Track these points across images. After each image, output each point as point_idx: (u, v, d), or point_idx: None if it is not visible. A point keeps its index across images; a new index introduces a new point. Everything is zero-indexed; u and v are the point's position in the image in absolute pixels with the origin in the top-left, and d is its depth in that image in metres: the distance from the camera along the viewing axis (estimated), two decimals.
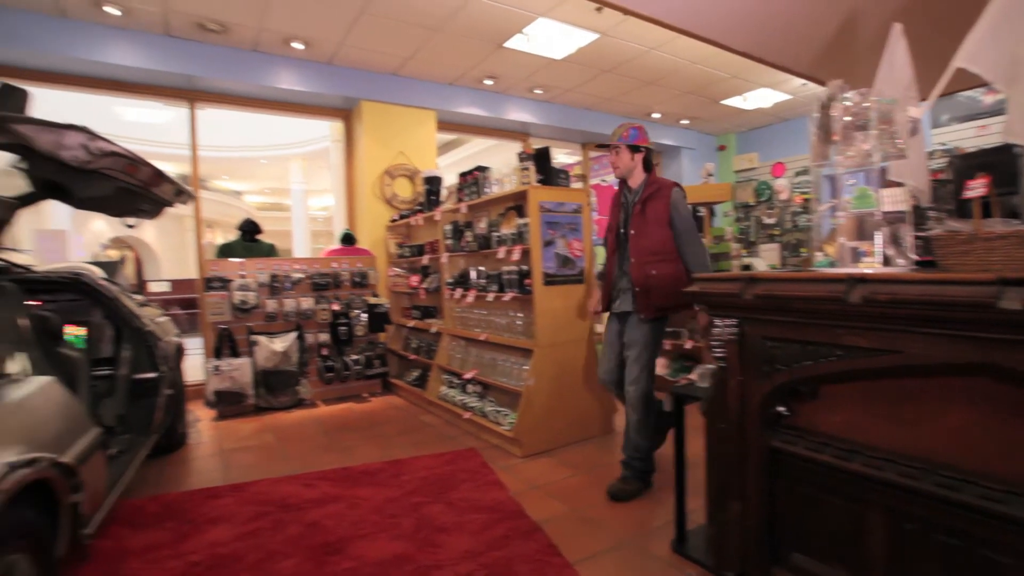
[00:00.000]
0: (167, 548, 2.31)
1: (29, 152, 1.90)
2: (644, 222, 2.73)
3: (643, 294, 2.71)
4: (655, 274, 2.69)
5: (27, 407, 1.64)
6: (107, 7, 3.94)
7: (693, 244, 2.71)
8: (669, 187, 2.74)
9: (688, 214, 2.72)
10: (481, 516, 2.53)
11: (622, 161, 2.79)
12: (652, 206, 2.72)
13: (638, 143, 2.77)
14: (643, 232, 2.73)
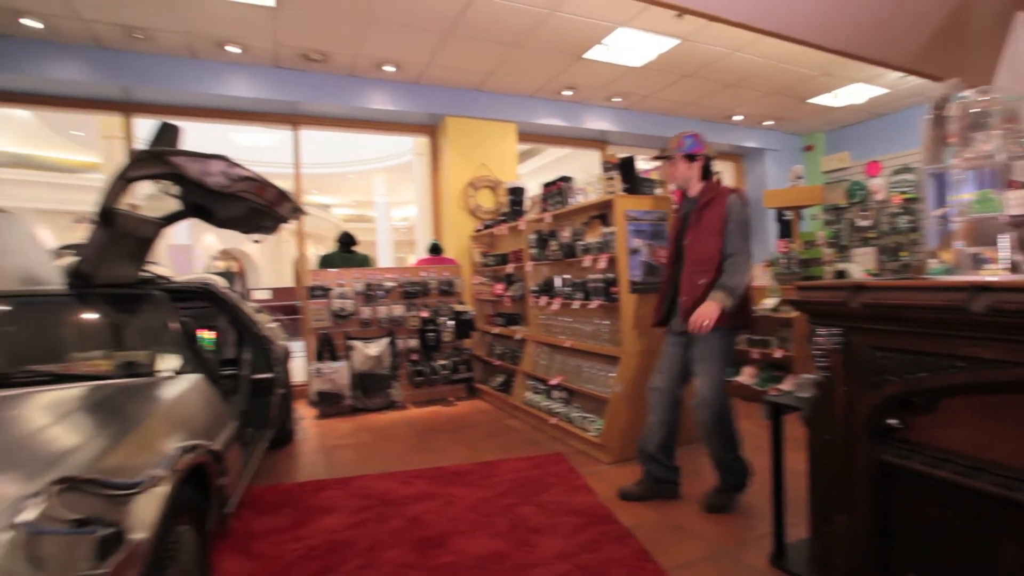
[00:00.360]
0: (287, 532, 2.54)
1: (181, 179, 2.19)
2: (699, 231, 2.64)
3: (688, 305, 2.61)
4: (702, 284, 2.59)
5: (185, 401, 1.89)
6: (229, 47, 4.42)
7: (734, 245, 2.55)
8: (726, 193, 2.64)
9: (743, 220, 2.58)
10: (572, 519, 2.59)
11: (678, 171, 2.72)
12: (708, 214, 2.62)
13: (694, 152, 2.69)
14: (697, 241, 2.63)
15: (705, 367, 2.60)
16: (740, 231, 2.57)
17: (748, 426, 3.92)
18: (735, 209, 2.59)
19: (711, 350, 2.59)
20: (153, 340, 2.39)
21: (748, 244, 2.58)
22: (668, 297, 2.82)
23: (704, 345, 2.60)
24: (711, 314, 2.49)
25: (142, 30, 4.11)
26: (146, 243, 2.95)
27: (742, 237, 2.57)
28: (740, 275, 2.53)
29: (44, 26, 3.98)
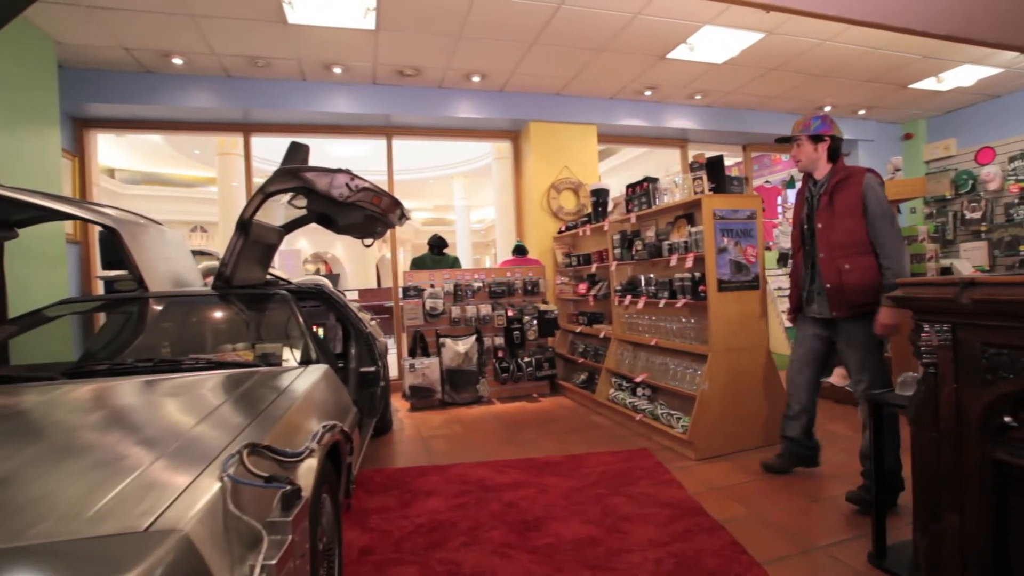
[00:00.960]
0: (396, 511, 2.79)
1: (311, 192, 2.48)
2: (832, 214, 2.57)
3: (836, 292, 2.55)
4: (848, 268, 2.51)
5: (319, 387, 2.15)
6: (335, 68, 4.84)
7: (887, 235, 2.45)
8: (861, 173, 2.55)
9: (884, 201, 2.49)
10: (663, 511, 2.67)
11: (804, 153, 2.68)
12: (842, 195, 2.55)
13: (822, 132, 2.64)
14: (831, 225, 2.56)
15: (860, 359, 2.55)
16: (886, 215, 2.47)
17: (841, 428, 3.83)
18: (874, 189, 2.50)
19: (865, 338, 2.53)
20: (282, 334, 2.72)
21: (896, 229, 2.48)
22: (804, 283, 2.77)
23: (854, 335, 2.55)
24: (892, 323, 2.42)
25: (263, 59, 4.60)
26: (271, 249, 3.34)
27: (890, 222, 2.47)
28: (902, 268, 2.43)
29: (184, 62, 4.56)
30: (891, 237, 2.45)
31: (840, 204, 2.55)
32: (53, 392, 1.88)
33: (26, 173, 3.49)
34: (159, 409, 1.78)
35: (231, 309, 2.89)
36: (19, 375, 2.05)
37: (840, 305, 2.57)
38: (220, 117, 5.20)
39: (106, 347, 2.85)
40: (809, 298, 2.76)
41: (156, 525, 1.05)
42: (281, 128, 5.44)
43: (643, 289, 4.11)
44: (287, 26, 4.09)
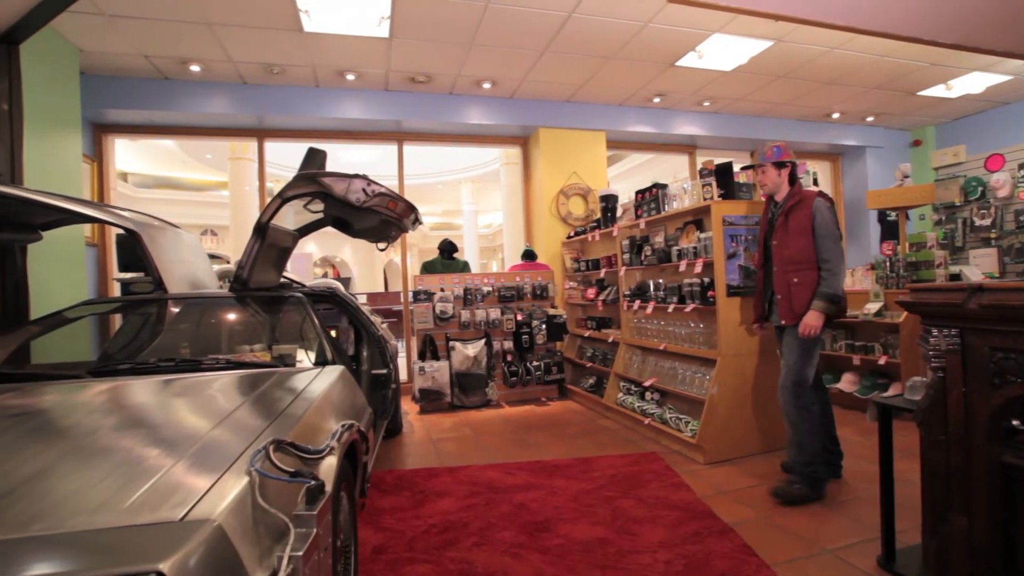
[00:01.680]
0: (409, 511, 2.83)
1: (328, 197, 2.54)
2: (786, 232, 2.84)
3: (785, 302, 2.85)
4: (796, 282, 2.80)
5: (336, 387, 2.20)
6: (348, 75, 4.92)
7: (829, 251, 2.73)
8: (812, 196, 2.82)
9: (829, 220, 2.76)
10: (672, 513, 2.69)
11: (769, 179, 2.92)
12: (795, 216, 2.82)
13: (782, 159, 2.89)
14: (784, 242, 2.84)
15: (787, 358, 2.87)
16: (830, 235, 2.75)
17: (849, 434, 3.84)
18: (822, 211, 2.77)
19: (794, 343, 2.83)
20: (298, 336, 2.77)
21: (839, 247, 2.76)
22: (766, 296, 3.07)
23: (789, 338, 2.87)
24: (816, 324, 2.74)
25: (279, 66, 4.68)
26: (286, 252, 3.39)
27: (833, 241, 2.75)
28: (837, 281, 2.72)
29: (202, 69, 4.65)
30: (833, 254, 2.74)
31: (793, 224, 2.82)
32: (80, 390, 1.94)
33: (49, 177, 3.57)
34: (183, 407, 1.83)
35: (248, 311, 2.94)
36: (47, 373, 2.11)
37: (787, 313, 2.85)
38: (235, 123, 5.29)
39: (127, 347, 2.91)
40: (770, 309, 3.05)
41: (190, 516, 1.09)
42: (294, 134, 5.52)
43: (652, 294, 4.14)
44: (303, 34, 4.17)
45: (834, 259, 2.73)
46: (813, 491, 2.77)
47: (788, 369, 2.85)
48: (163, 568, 0.96)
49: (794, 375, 2.81)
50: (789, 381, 2.83)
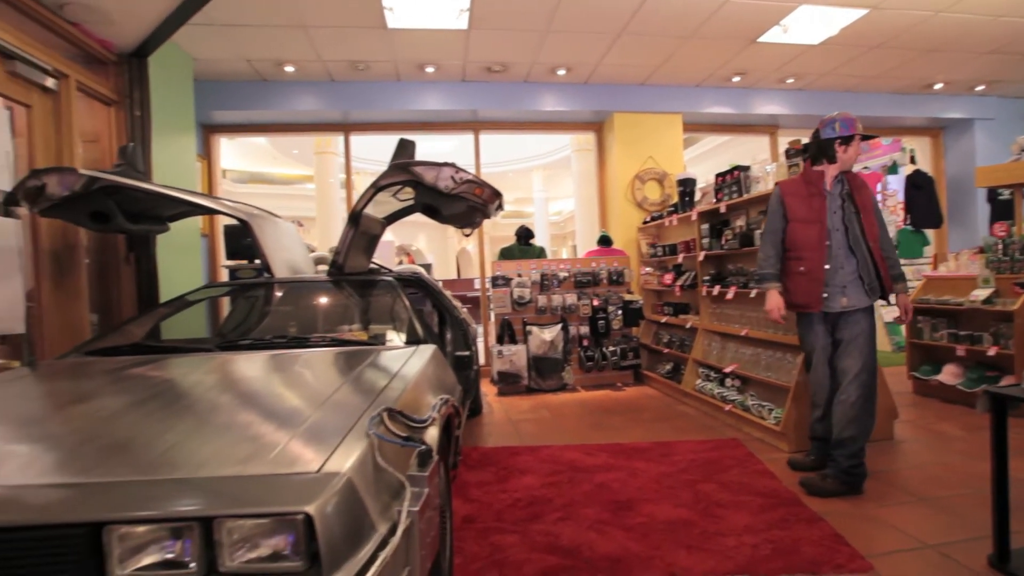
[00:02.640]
0: (494, 485, 2.96)
1: (418, 185, 2.68)
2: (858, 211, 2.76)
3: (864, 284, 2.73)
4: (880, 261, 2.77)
5: (431, 364, 2.34)
6: (427, 67, 5.11)
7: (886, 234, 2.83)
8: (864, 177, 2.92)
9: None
10: (756, 499, 2.66)
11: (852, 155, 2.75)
12: (862, 197, 2.77)
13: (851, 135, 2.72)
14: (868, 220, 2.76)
15: (861, 345, 2.71)
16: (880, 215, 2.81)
17: (951, 429, 3.62)
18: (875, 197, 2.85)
19: (863, 330, 2.72)
20: (392, 316, 2.95)
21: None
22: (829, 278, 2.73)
23: (856, 326, 2.73)
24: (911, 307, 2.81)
25: (363, 62, 4.93)
26: (375, 239, 3.59)
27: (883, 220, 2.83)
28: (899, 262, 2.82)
29: (295, 69, 4.98)
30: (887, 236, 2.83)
31: (863, 202, 2.76)
32: (213, 361, 2.18)
33: (170, 175, 3.96)
34: (301, 377, 2.03)
35: (345, 294, 3.17)
36: (183, 347, 2.39)
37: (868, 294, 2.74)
38: (323, 118, 5.62)
39: (241, 325, 3.21)
40: (834, 292, 2.74)
41: (324, 469, 1.24)
42: (377, 127, 5.79)
43: (733, 279, 4.05)
44: (386, 31, 4.36)
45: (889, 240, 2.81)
46: (850, 488, 2.66)
47: (865, 361, 2.69)
48: (310, 510, 1.10)
49: (871, 366, 2.71)
50: (866, 374, 2.69)
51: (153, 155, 3.58)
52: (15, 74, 2.75)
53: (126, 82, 3.54)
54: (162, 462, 1.30)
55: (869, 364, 2.69)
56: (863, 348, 2.69)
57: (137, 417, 1.57)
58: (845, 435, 2.68)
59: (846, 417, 2.69)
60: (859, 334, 2.71)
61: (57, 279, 3.05)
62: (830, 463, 2.74)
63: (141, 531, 1.11)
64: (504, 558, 2.20)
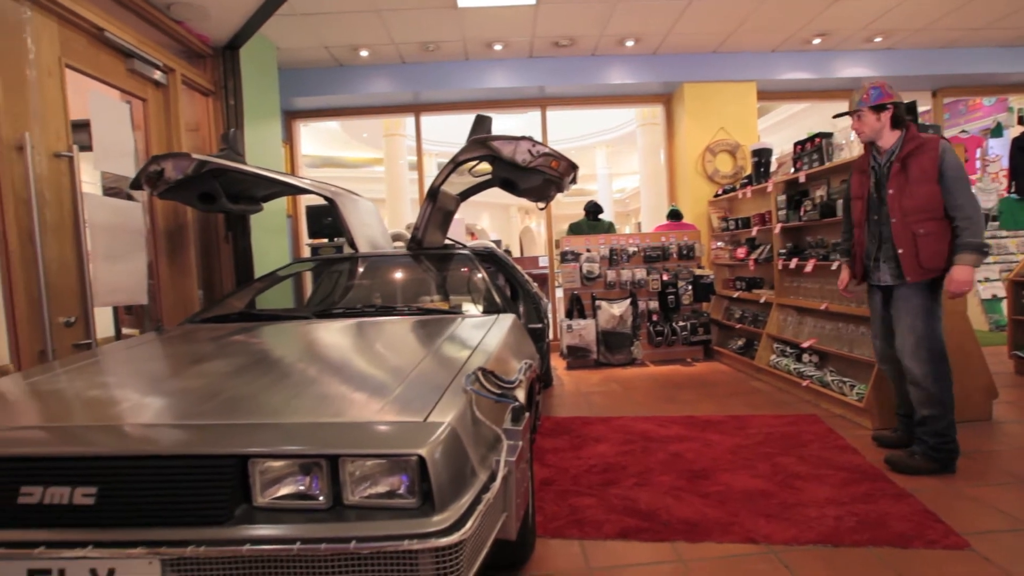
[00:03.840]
0: (569, 452, 3.05)
1: (496, 159, 2.76)
2: (906, 180, 2.57)
3: (909, 256, 2.57)
4: (923, 233, 2.54)
5: (513, 332, 2.44)
6: (495, 45, 5.17)
7: (964, 197, 2.47)
8: (936, 140, 2.56)
9: (960, 165, 2.50)
10: (838, 473, 2.61)
11: (867, 125, 2.66)
12: (915, 162, 2.55)
13: (882, 101, 2.60)
14: (905, 191, 2.57)
15: (910, 322, 2.59)
16: (964, 181, 2.50)
17: None
18: (950, 157, 2.51)
19: (910, 307, 2.59)
20: (471, 288, 3.08)
21: (972, 191, 2.53)
22: (871, 252, 2.75)
23: (901, 302, 2.61)
24: (968, 279, 2.48)
25: (433, 43, 5.05)
26: (450, 215, 3.72)
27: (967, 188, 2.51)
28: (979, 228, 2.47)
29: (369, 54, 5.16)
30: (968, 199, 2.49)
31: (915, 170, 2.56)
32: (312, 327, 2.38)
33: (260, 160, 4.23)
34: (395, 340, 2.18)
35: (424, 267, 3.32)
36: (283, 315, 2.61)
37: (913, 270, 2.57)
38: (394, 100, 5.81)
39: (329, 296, 3.43)
40: (875, 267, 2.75)
41: (429, 419, 1.36)
42: (446, 107, 5.93)
43: (813, 251, 3.91)
44: (457, 10, 4.44)
45: (970, 205, 2.47)
46: (942, 466, 2.56)
47: (918, 337, 2.57)
48: (422, 452, 1.22)
49: (928, 342, 2.55)
50: (924, 351, 2.56)
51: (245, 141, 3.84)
52: (133, 71, 3.04)
53: (221, 73, 3.81)
54: (287, 409, 1.46)
55: (926, 341, 2.55)
56: (912, 325, 2.58)
57: (256, 372, 1.75)
58: (924, 414, 2.60)
59: (918, 398, 2.62)
60: (904, 311, 2.61)
61: (171, 257, 3.37)
62: (917, 441, 2.65)
63: (278, 465, 1.27)
64: (583, 518, 2.30)
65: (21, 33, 2.37)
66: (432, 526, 1.17)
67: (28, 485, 1.21)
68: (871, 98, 2.64)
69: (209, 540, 1.15)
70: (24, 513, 1.19)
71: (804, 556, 1.95)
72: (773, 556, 1.95)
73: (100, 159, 2.74)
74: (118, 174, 2.89)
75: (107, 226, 2.73)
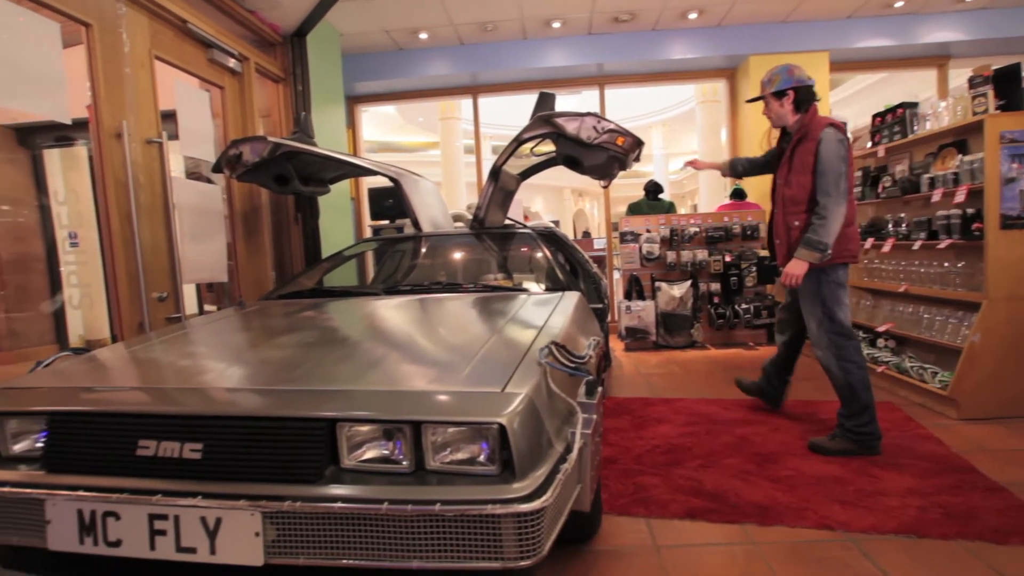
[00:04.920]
0: (631, 432, 3.04)
1: (560, 137, 2.74)
2: (790, 169, 2.58)
3: (783, 248, 2.62)
4: (797, 225, 2.55)
5: (579, 309, 2.44)
6: (554, 23, 5.10)
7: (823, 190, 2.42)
8: (820, 127, 2.48)
9: (833, 154, 2.42)
10: (919, 463, 2.49)
11: (772, 112, 2.67)
12: (800, 151, 2.55)
13: (785, 88, 2.59)
14: (788, 180, 2.59)
15: (807, 309, 2.63)
16: (831, 171, 2.42)
17: None
18: (828, 143, 2.44)
19: (811, 292, 2.59)
20: (533, 266, 3.09)
21: (840, 185, 2.43)
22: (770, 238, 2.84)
23: (803, 287, 2.60)
24: (797, 272, 2.50)
25: (492, 23, 5.03)
26: (510, 195, 3.72)
27: (833, 178, 2.42)
28: (828, 227, 2.41)
29: (428, 36, 5.21)
30: (830, 198, 2.41)
31: (798, 159, 2.55)
32: (383, 302, 2.45)
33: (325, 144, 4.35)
34: (464, 316, 2.22)
35: (486, 246, 3.35)
36: (355, 292, 2.70)
37: (785, 260, 2.60)
38: (452, 82, 5.84)
39: (394, 274, 3.52)
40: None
41: (507, 389, 1.38)
42: (503, 87, 5.91)
43: (890, 230, 3.70)
44: None
45: (831, 204, 2.40)
46: (862, 447, 2.56)
47: (817, 321, 2.59)
48: (502, 421, 1.25)
49: (828, 325, 2.56)
50: (824, 336, 2.58)
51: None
52: (212, 61, 3.19)
53: (290, 60, 3.94)
54: (369, 377, 1.52)
55: (825, 324, 2.56)
56: (811, 311, 2.61)
57: (335, 343, 1.83)
58: (839, 397, 2.64)
59: (832, 382, 2.66)
60: (802, 296, 2.65)
61: (247, 237, 3.54)
62: (838, 424, 2.65)
63: (364, 430, 1.33)
64: (648, 496, 2.29)
65: (117, 28, 2.53)
66: (513, 492, 1.20)
67: (145, 439, 1.32)
68: (776, 85, 2.63)
69: (304, 497, 1.22)
70: (141, 464, 1.31)
71: (885, 545, 1.87)
72: (851, 544, 1.89)
73: (186, 144, 2.90)
74: (200, 158, 3.06)
75: (192, 208, 2.90)
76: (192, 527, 1.23)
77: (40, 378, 1.66)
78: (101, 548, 1.26)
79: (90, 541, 1.26)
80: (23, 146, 3.10)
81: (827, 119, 2.57)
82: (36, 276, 3.15)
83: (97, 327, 4.00)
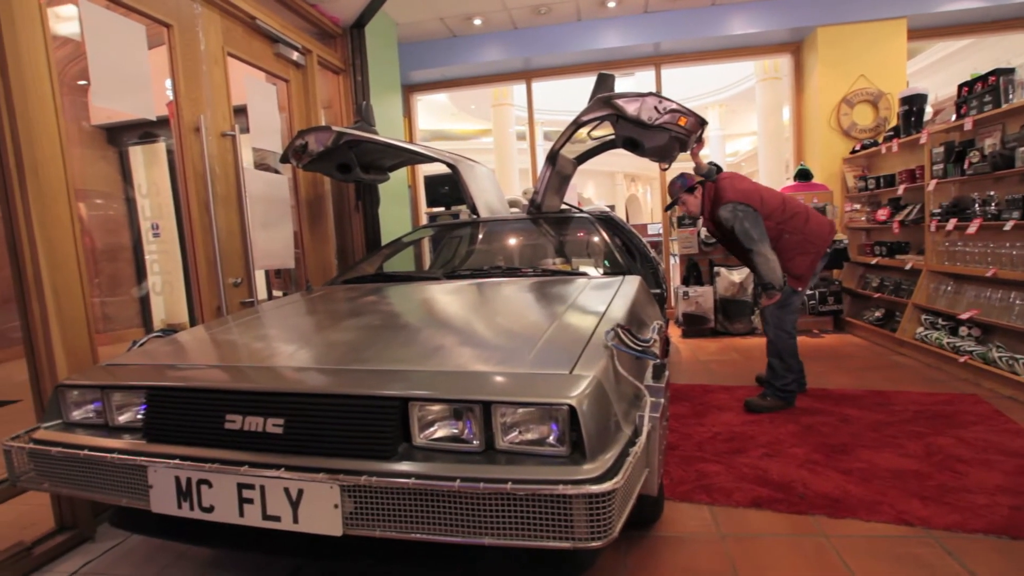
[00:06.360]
0: (692, 419, 2.99)
1: (619, 119, 2.68)
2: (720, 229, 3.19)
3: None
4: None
5: (641, 293, 2.40)
6: (609, 2, 4.99)
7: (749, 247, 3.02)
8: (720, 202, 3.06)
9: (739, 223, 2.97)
10: (1012, 460, 2.33)
11: (692, 207, 3.27)
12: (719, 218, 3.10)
13: (690, 185, 3.22)
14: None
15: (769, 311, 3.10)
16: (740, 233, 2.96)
17: None
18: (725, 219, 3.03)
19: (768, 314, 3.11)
20: (592, 250, 3.06)
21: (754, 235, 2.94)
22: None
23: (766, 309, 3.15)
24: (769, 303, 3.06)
25: (546, 6, 4.97)
26: (567, 179, 3.69)
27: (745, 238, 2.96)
28: (768, 266, 2.93)
29: (482, 22, 5.20)
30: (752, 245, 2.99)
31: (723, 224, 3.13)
32: (445, 286, 2.49)
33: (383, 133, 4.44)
34: (527, 299, 2.23)
35: (544, 230, 3.35)
36: (416, 276, 2.76)
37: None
38: (506, 68, 5.82)
39: (453, 259, 3.57)
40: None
41: (575, 371, 1.38)
42: (557, 71, 5.85)
43: (976, 210, 3.44)
44: None
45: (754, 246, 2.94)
46: (785, 402, 3.07)
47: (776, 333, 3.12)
48: (573, 402, 1.25)
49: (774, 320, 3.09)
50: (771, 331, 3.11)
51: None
52: (278, 55, 3.30)
53: (349, 52, 4.03)
54: (438, 358, 1.55)
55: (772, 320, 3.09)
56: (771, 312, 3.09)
57: (401, 326, 1.88)
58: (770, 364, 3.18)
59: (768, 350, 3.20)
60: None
61: (312, 226, 3.67)
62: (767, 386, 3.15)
63: (435, 409, 1.36)
64: (711, 484, 2.25)
65: (195, 27, 2.65)
66: (583, 474, 1.20)
67: (232, 413, 1.40)
68: (681, 188, 3.25)
69: (379, 472, 1.26)
70: (229, 437, 1.39)
71: (972, 545, 1.77)
72: (933, 541, 1.80)
73: (255, 137, 3.02)
74: (268, 150, 3.19)
75: (262, 197, 3.03)
76: (277, 497, 1.30)
77: (137, 356, 1.79)
78: (196, 512, 1.35)
79: (187, 506, 1.36)
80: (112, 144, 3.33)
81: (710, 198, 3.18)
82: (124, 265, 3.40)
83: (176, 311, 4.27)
